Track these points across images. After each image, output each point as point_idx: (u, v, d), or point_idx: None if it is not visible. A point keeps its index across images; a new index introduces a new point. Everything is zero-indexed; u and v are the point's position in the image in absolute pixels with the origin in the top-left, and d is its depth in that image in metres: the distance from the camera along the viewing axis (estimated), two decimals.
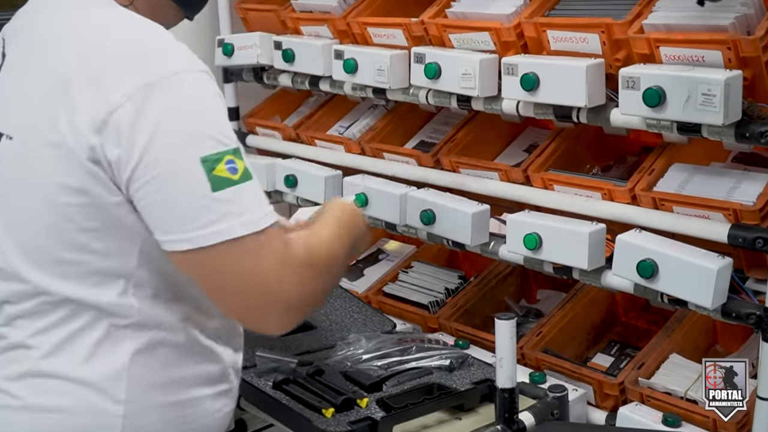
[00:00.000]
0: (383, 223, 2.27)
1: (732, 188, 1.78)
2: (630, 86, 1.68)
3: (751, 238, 1.66)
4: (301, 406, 1.67)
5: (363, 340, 1.90)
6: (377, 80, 2.19)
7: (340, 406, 1.64)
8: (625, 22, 1.78)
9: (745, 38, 1.61)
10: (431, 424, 1.71)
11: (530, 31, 1.92)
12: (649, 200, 1.83)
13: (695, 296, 1.68)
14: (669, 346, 1.97)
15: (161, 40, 1.30)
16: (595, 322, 2.24)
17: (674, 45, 1.69)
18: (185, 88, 1.26)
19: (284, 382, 1.75)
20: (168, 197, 1.22)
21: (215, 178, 1.22)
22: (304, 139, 2.58)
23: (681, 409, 1.80)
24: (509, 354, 1.61)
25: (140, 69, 1.23)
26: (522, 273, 2.43)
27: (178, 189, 1.22)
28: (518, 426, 1.66)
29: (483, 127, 2.32)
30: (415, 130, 2.49)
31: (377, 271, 2.55)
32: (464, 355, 1.90)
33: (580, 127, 2.12)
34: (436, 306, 2.32)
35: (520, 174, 2.07)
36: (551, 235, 1.89)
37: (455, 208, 2.08)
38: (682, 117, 1.64)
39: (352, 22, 2.28)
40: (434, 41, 2.12)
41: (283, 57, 2.43)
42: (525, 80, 1.85)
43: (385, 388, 1.75)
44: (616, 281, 1.83)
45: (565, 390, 1.80)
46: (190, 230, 1.22)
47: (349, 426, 1.60)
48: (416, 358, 1.87)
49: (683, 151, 1.94)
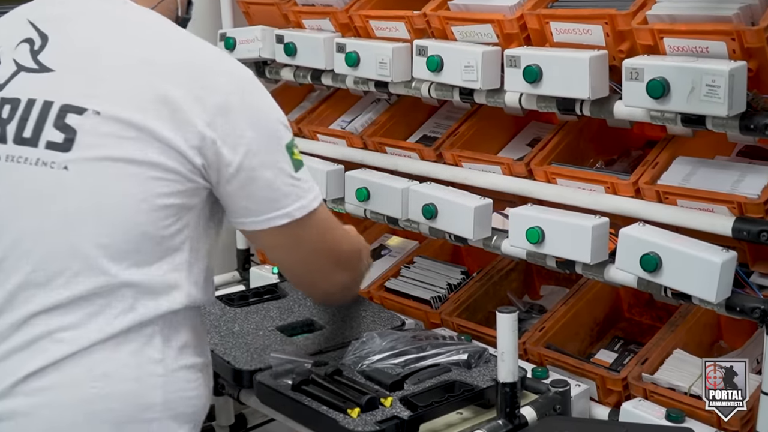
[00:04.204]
0: (385, 217, 2.26)
1: (736, 181, 1.76)
2: (634, 77, 1.67)
3: (755, 231, 1.64)
4: (325, 408, 1.65)
5: (377, 339, 1.88)
6: (379, 73, 2.17)
7: (365, 406, 1.63)
8: (629, 13, 1.76)
9: (750, 29, 1.59)
10: (455, 422, 1.69)
11: (533, 22, 1.91)
12: (652, 193, 1.82)
13: (699, 290, 1.66)
14: (673, 342, 1.95)
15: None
16: (598, 318, 2.22)
17: (678, 36, 1.68)
18: (259, 88, 1.47)
19: (303, 383, 1.73)
20: (263, 182, 1.44)
21: (296, 161, 1.47)
22: (306, 134, 2.56)
23: (685, 404, 1.78)
24: (511, 348, 1.60)
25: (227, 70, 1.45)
26: (525, 268, 2.42)
27: (272, 174, 1.44)
28: (520, 421, 1.64)
29: (486, 121, 2.30)
30: (417, 124, 2.48)
31: (379, 267, 2.54)
32: (481, 350, 1.87)
33: (584, 121, 2.11)
34: (438, 301, 2.31)
35: (523, 168, 2.05)
36: (554, 229, 1.87)
37: (457, 202, 2.06)
38: (687, 108, 1.62)
39: (354, 15, 2.27)
40: (437, 34, 2.10)
41: (285, 51, 2.42)
42: (528, 72, 1.83)
43: (406, 387, 1.73)
44: (620, 275, 1.82)
45: (567, 385, 1.78)
46: (283, 207, 1.46)
47: (377, 426, 1.58)
48: (433, 354, 1.84)
49: (687, 145, 1.93)
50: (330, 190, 2.37)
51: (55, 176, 1.36)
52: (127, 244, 1.36)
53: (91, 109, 1.37)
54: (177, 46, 1.44)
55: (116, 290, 1.37)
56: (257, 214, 1.46)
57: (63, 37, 1.45)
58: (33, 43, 1.46)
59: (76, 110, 1.37)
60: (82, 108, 1.37)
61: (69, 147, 1.36)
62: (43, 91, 1.41)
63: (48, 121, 1.38)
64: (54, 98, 1.39)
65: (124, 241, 1.36)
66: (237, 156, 1.40)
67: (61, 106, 1.38)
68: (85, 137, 1.36)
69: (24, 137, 1.39)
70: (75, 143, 1.36)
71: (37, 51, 1.45)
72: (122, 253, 1.36)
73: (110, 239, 1.36)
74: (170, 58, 1.41)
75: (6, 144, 1.40)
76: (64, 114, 1.37)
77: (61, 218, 1.36)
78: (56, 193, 1.36)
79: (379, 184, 2.24)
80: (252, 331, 1.99)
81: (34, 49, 1.46)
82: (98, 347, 1.36)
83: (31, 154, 1.38)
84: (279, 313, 2.10)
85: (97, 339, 1.36)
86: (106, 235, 1.36)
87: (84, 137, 1.36)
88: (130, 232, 1.36)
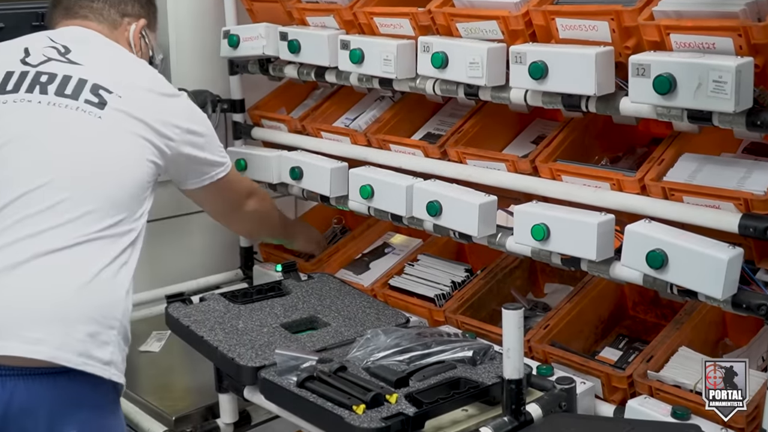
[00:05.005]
0: (389, 215, 2.25)
1: (743, 178, 1.75)
2: (640, 73, 1.66)
3: (762, 227, 1.64)
4: (330, 404, 1.65)
5: (381, 336, 1.88)
6: (384, 70, 2.17)
7: (370, 403, 1.62)
8: (635, 9, 1.75)
9: (756, 25, 1.59)
10: (461, 418, 1.69)
11: (539, 19, 1.90)
12: (658, 190, 1.81)
13: (705, 287, 1.65)
14: (678, 339, 1.94)
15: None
16: (603, 315, 2.22)
17: (685, 32, 1.67)
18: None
19: (308, 380, 1.73)
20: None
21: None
22: (309, 131, 2.56)
23: (690, 401, 1.77)
24: (516, 345, 1.59)
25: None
26: (529, 266, 2.41)
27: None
28: (525, 418, 1.64)
29: (490, 118, 2.30)
30: (421, 122, 2.48)
31: (383, 265, 2.54)
32: (487, 347, 1.87)
33: (589, 118, 2.10)
34: (442, 299, 2.30)
35: (528, 165, 2.05)
36: (559, 226, 1.87)
37: (462, 199, 2.06)
38: (693, 104, 1.62)
39: (359, 12, 2.26)
40: (441, 30, 2.10)
41: (289, 48, 2.41)
42: (533, 69, 1.83)
43: (411, 383, 1.73)
44: (626, 272, 1.81)
45: (573, 382, 1.78)
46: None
47: (382, 422, 1.58)
48: (438, 351, 1.84)
49: (693, 142, 1.92)
50: (334, 187, 2.36)
51: (92, 121, 1.81)
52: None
53: (115, 93, 1.86)
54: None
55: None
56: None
57: (81, 48, 1.93)
58: (59, 49, 1.92)
59: (106, 90, 1.85)
60: (110, 90, 1.86)
61: (102, 107, 1.83)
62: (76, 73, 1.87)
63: (85, 89, 1.84)
64: (87, 78, 1.86)
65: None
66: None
67: (94, 84, 1.85)
68: (113, 106, 1.84)
69: (66, 93, 1.83)
70: (107, 106, 1.83)
71: (63, 53, 1.92)
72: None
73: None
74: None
75: (47, 95, 1.82)
76: (97, 89, 1.85)
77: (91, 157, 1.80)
78: (90, 135, 1.81)
79: (383, 181, 2.23)
80: (256, 328, 1.99)
81: (61, 52, 1.92)
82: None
83: (72, 103, 1.82)
84: (283, 310, 2.10)
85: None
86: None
87: (112, 106, 1.84)
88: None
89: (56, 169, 1.76)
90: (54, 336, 1.62)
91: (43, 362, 1.61)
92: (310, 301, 2.16)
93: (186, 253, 2.81)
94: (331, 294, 2.22)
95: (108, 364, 1.68)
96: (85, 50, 1.94)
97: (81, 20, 2.04)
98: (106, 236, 1.75)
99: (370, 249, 2.65)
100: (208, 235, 2.81)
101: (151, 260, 2.60)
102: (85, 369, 1.64)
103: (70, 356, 1.63)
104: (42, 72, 1.86)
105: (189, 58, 2.71)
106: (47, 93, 1.83)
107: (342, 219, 2.87)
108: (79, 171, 1.77)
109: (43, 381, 1.62)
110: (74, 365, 1.63)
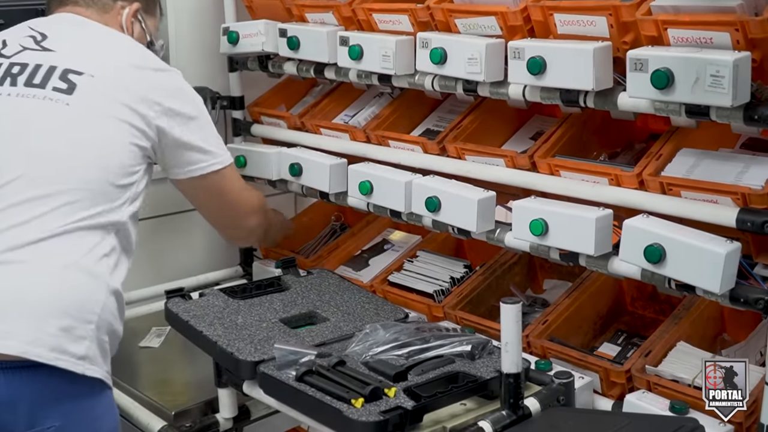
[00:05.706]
0: (388, 211, 2.25)
1: (740, 173, 1.76)
2: (638, 68, 1.67)
3: (759, 222, 1.64)
4: (328, 398, 1.65)
5: (380, 330, 1.88)
6: (383, 66, 2.17)
7: (368, 397, 1.63)
8: (633, 4, 1.76)
9: (754, 19, 1.59)
10: (459, 412, 1.70)
11: (537, 14, 1.90)
12: (656, 185, 1.82)
13: (703, 281, 1.66)
14: (676, 334, 1.95)
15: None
16: (601, 311, 2.22)
17: (682, 27, 1.67)
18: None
19: (307, 374, 1.73)
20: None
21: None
22: (309, 128, 2.56)
23: (688, 396, 1.78)
24: (515, 339, 1.59)
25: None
26: (528, 262, 2.42)
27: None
28: (523, 412, 1.64)
29: (489, 114, 2.30)
30: (420, 118, 2.48)
31: (382, 261, 2.54)
32: (485, 341, 1.87)
33: (587, 113, 2.11)
34: (441, 295, 2.31)
35: (527, 160, 2.05)
36: (558, 221, 1.87)
37: (461, 194, 2.06)
38: (691, 99, 1.62)
39: (358, 8, 2.27)
40: (440, 26, 2.10)
41: (288, 44, 2.42)
42: (532, 64, 1.83)
43: (410, 378, 1.73)
44: (624, 267, 1.82)
45: (571, 376, 1.78)
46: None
47: (380, 416, 1.58)
48: (436, 346, 1.85)
49: (691, 137, 1.92)
50: (333, 184, 2.37)
51: (59, 109, 1.80)
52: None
53: (87, 73, 1.86)
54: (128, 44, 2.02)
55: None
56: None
57: (58, 34, 1.94)
58: (35, 37, 1.93)
59: (76, 72, 1.85)
60: (81, 72, 1.85)
61: (71, 92, 1.82)
62: (47, 60, 1.87)
63: (53, 76, 1.84)
64: (57, 64, 1.86)
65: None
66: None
67: (64, 69, 1.85)
68: (83, 89, 1.83)
69: (34, 83, 1.83)
70: (76, 90, 1.83)
71: (39, 41, 1.93)
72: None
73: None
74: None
75: (17, 86, 1.83)
76: (66, 74, 1.85)
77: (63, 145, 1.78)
78: (58, 124, 1.80)
79: (382, 177, 2.24)
80: (255, 323, 1.99)
81: (37, 40, 1.93)
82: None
83: (39, 93, 1.82)
84: (282, 306, 2.10)
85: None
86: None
87: (83, 89, 1.83)
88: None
89: (26, 163, 1.74)
90: (24, 330, 1.62)
91: (15, 357, 1.60)
92: (309, 296, 2.16)
93: (186, 250, 2.82)
94: (330, 289, 2.22)
95: (83, 359, 1.67)
96: (63, 35, 1.94)
97: (72, 6, 2.04)
98: (81, 228, 1.73)
99: (370, 245, 2.65)
100: (208, 232, 2.79)
101: (151, 257, 2.62)
102: (57, 364, 1.63)
103: (41, 351, 1.62)
104: (15, 63, 1.87)
105: (188, 54, 2.71)
106: (17, 84, 1.83)
107: (341, 216, 2.87)
108: (49, 163, 1.75)
109: (23, 374, 1.61)
110: (46, 360, 1.62)
